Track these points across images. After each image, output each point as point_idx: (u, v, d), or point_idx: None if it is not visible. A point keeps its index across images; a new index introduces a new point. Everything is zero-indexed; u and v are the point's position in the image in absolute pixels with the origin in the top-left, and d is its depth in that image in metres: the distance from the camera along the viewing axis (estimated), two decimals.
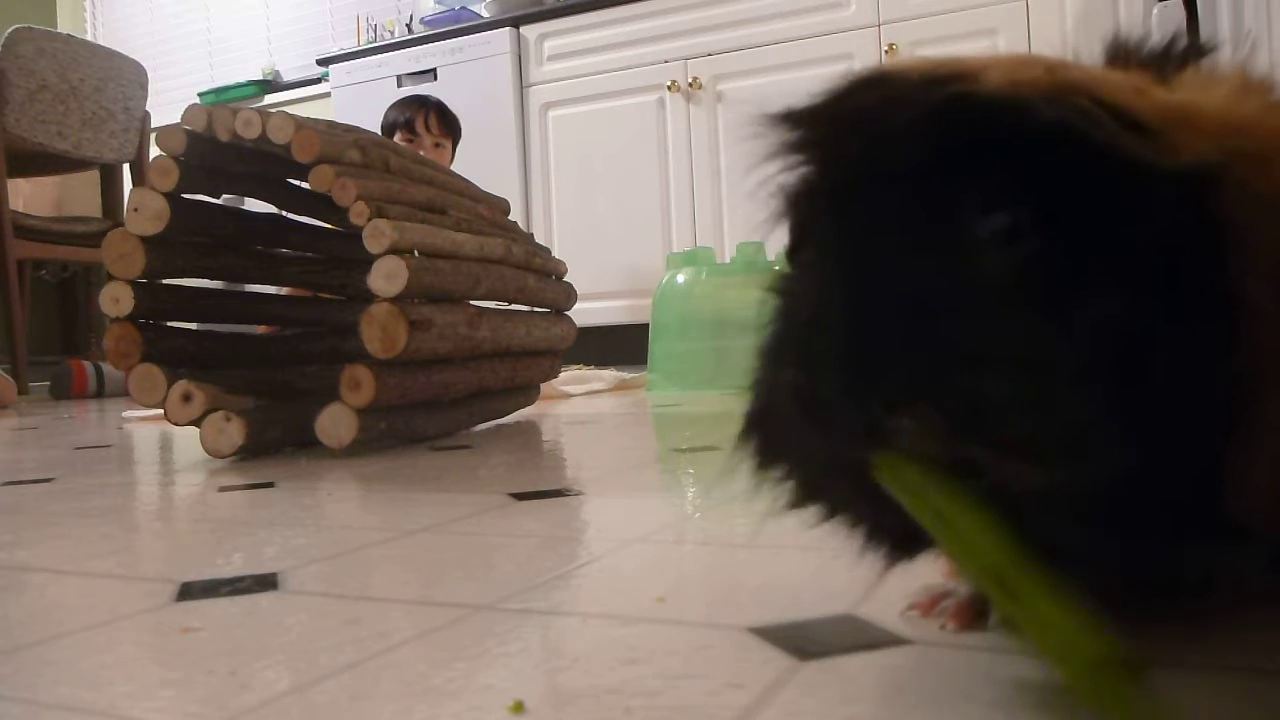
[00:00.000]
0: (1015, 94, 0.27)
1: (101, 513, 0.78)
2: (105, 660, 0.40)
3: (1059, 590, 0.27)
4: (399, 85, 3.33)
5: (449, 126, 2.57)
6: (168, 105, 3.41)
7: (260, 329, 1.68)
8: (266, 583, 0.52)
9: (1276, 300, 0.27)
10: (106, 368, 2.86)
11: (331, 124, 1.18)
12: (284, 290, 1.72)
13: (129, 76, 3.13)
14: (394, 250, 1.04)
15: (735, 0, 2.93)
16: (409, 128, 2.50)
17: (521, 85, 3.22)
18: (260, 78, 4.20)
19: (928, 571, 0.40)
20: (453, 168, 1.83)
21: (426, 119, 2.52)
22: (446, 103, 2.64)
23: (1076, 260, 0.27)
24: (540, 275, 1.42)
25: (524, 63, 3.22)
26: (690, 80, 2.99)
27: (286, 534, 0.65)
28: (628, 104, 3.09)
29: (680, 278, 2.14)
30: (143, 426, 1.69)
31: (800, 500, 0.35)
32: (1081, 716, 0.29)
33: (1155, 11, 1.62)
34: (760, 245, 2.13)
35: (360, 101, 3.31)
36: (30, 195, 3.42)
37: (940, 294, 0.27)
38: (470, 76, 3.24)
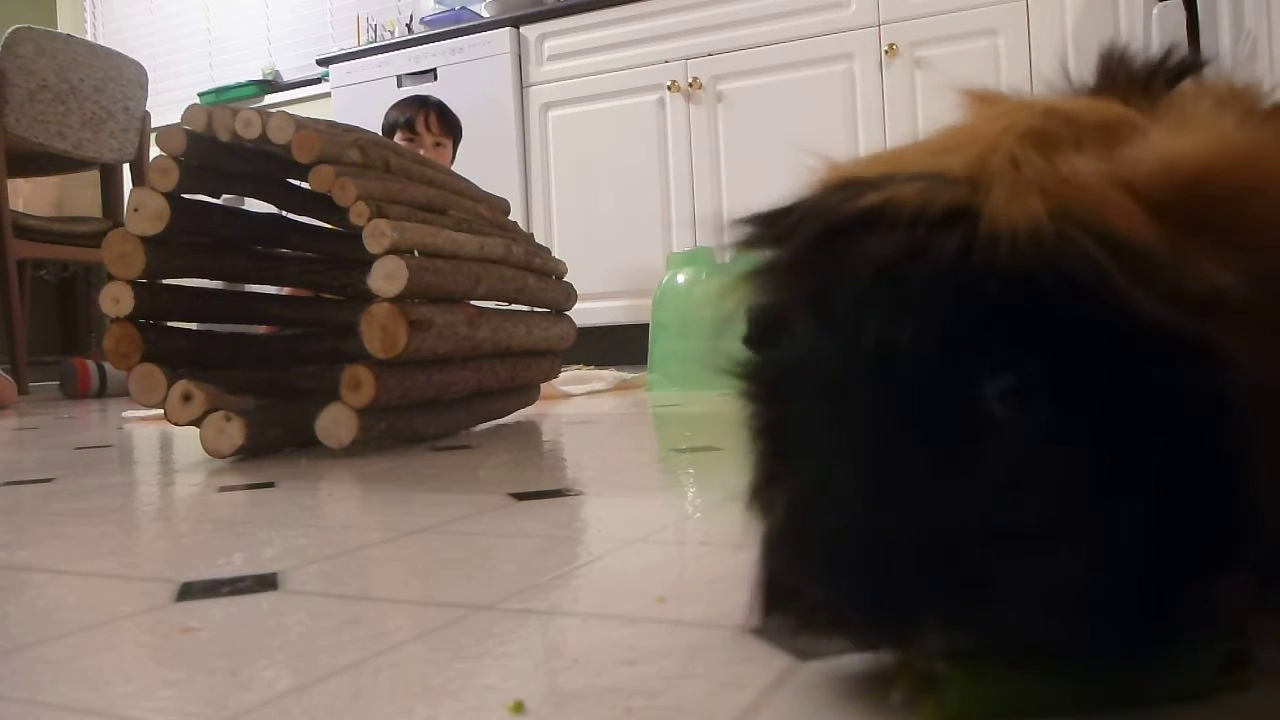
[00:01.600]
0: (1031, 253, 0.25)
1: (102, 513, 0.78)
2: (105, 660, 0.40)
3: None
4: (399, 85, 3.33)
5: (449, 126, 2.58)
6: (168, 105, 3.41)
7: (260, 329, 1.68)
8: (266, 583, 0.52)
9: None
10: (109, 367, 2.86)
11: (331, 124, 1.18)
12: (284, 290, 1.72)
13: (129, 76, 3.13)
14: (394, 250, 1.04)
15: (735, 0, 2.94)
16: (409, 127, 2.50)
17: (521, 85, 3.22)
18: (260, 78, 4.20)
19: None
20: (453, 168, 1.83)
21: (427, 119, 2.52)
22: (447, 103, 2.64)
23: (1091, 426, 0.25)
24: (540, 275, 1.41)
25: (524, 63, 3.22)
26: (690, 80, 2.99)
27: (286, 534, 0.65)
28: (628, 104, 3.09)
29: (680, 278, 2.14)
30: (143, 426, 1.69)
31: None
32: (1085, 717, 0.29)
33: (1155, 12, 1.62)
34: None
35: (360, 101, 3.31)
36: (30, 195, 3.42)
37: (956, 481, 0.26)
38: (470, 76, 3.24)
